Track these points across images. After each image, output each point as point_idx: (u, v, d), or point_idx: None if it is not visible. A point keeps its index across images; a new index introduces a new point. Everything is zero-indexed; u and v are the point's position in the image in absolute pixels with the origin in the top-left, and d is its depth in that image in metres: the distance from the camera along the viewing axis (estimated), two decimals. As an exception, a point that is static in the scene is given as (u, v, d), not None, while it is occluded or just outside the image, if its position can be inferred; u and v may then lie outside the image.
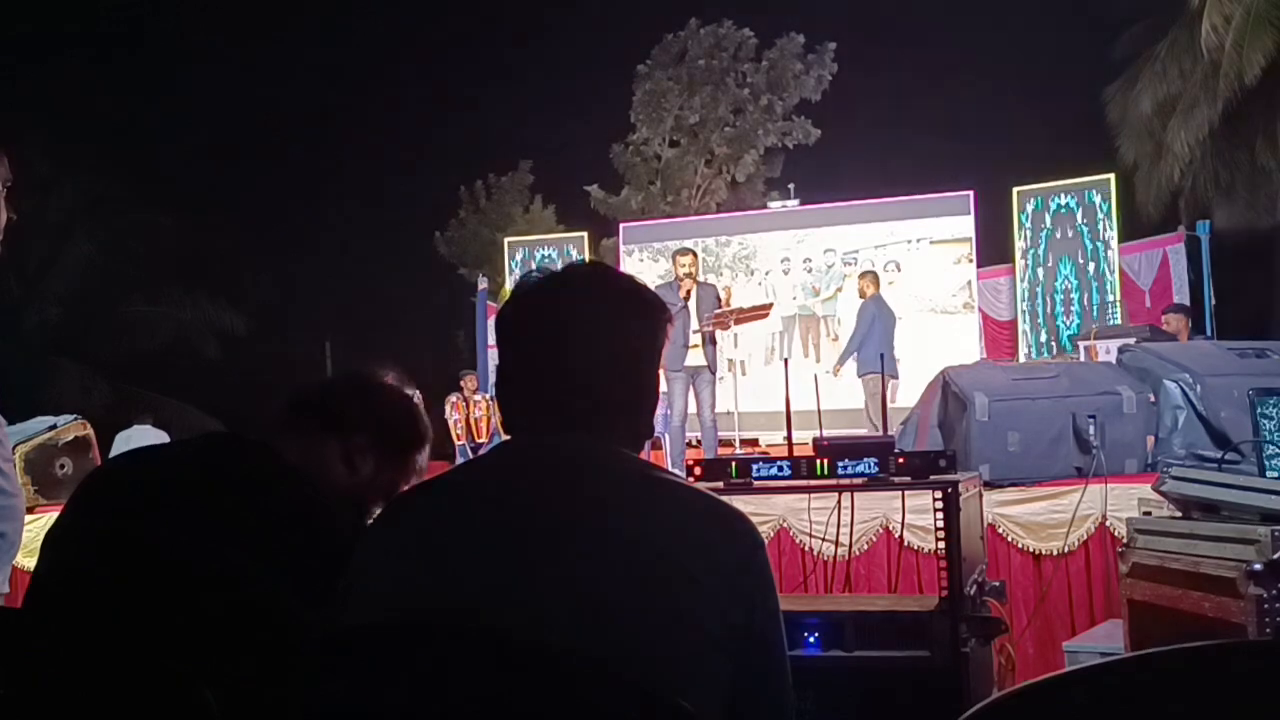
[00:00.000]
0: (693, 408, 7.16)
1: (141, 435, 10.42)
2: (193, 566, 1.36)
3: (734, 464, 2.52)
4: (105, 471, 1.66)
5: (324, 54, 21.28)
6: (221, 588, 1.34)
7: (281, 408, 1.64)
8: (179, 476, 1.48)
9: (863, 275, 9.60)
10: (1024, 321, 11.14)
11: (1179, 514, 2.76)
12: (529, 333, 1.32)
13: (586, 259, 12.41)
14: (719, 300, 7.36)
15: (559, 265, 1.40)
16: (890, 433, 4.19)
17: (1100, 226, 10.66)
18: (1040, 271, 10.99)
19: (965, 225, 11.66)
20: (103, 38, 18.38)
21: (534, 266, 1.56)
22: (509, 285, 12.24)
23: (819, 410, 3.52)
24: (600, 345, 1.29)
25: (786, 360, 5.42)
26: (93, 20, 18.55)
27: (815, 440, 2.58)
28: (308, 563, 1.37)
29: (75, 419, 5.69)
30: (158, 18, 20.22)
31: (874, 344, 8.59)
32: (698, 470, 2.54)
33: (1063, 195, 10.86)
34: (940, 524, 2.30)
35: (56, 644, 1.17)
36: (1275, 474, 2.75)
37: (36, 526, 5.22)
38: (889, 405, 5.38)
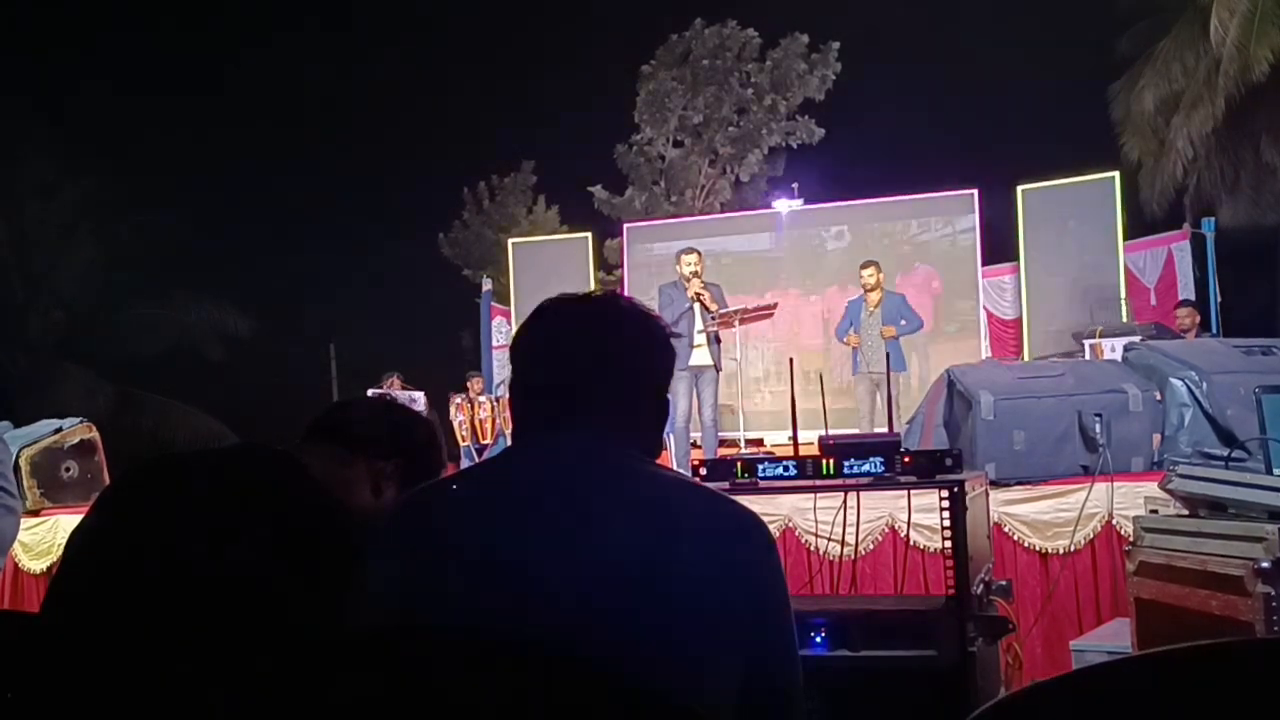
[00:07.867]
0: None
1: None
2: (208, 569, 1.36)
3: (739, 464, 2.52)
4: (135, 477, 1.66)
5: (327, 55, 21.32)
6: (233, 590, 1.35)
7: (311, 424, 1.66)
8: (207, 482, 1.49)
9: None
10: (1028, 320, 11.10)
11: (1186, 512, 2.75)
12: (544, 342, 1.34)
13: (590, 261, 12.42)
14: (725, 300, 7.34)
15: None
16: (896, 431, 4.19)
17: (1105, 224, 10.62)
18: (1044, 270, 10.95)
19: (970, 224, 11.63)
20: (104, 39, 18.41)
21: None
22: (513, 291, 12.23)
23: (824, 409, 3.52)
24: (611, 359, 1.32)
25: (792, 360, 5.42)
26: (94, 21, 18.59)
27: (821, 440, 2.58)
28: (321, 567, 1.38)
29: (81, 422, 5.70)
30: (159, 18, 20.26)
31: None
32: (703, 471, 2.54)
33: (1067, 193, 10.81)
34: (946, 523, 2.30)
35: (64, 646, 1.18)
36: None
37: (43, 529, 5.25)
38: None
